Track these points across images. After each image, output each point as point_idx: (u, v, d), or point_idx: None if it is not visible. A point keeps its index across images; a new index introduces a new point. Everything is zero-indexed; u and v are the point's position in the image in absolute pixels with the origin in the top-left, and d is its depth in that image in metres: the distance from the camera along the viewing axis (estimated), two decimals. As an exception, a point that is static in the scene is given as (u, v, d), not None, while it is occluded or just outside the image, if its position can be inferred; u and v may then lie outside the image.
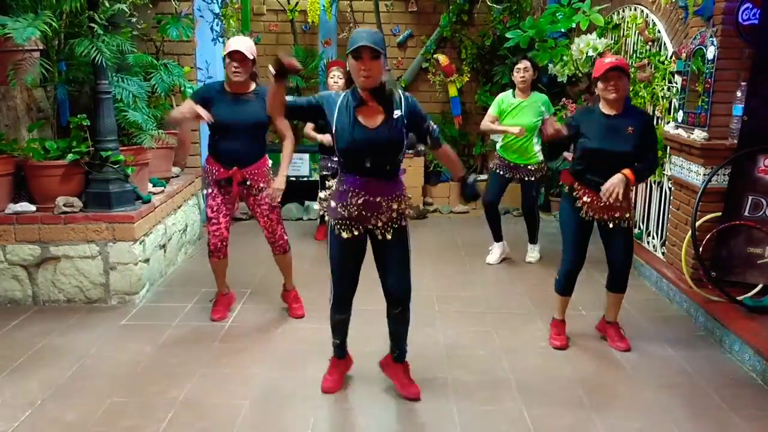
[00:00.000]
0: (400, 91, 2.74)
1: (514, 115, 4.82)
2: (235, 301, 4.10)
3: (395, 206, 2.76)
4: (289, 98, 2.68)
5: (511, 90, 4.94)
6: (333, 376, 3.10)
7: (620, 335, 3.63)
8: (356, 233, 2.75)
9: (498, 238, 5.17)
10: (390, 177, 2.75)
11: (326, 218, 2.84)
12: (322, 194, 2.89)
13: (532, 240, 5.22)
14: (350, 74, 2.67)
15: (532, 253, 5.21)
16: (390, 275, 2.84)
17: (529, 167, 4.91)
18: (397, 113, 2.67)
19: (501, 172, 4.99)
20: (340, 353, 3.11)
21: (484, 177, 6.02)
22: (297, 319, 3.91)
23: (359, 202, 2.71)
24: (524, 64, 4.79)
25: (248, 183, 3.67)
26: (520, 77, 4.79)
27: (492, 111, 4.92)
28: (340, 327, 3.03)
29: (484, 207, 5.11)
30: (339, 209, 2.75)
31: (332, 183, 2.83)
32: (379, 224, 2.75)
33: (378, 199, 2.71)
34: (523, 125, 4.74)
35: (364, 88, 2.63)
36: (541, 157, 4.92)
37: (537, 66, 4.94)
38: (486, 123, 4.95)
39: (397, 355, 3.03)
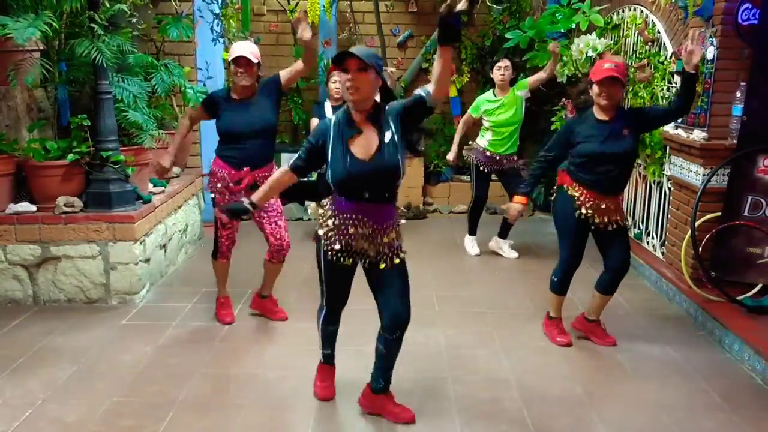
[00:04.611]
0: (387, 108, 2.58)
1: (498, 113, 5.03)
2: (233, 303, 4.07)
3: (392, 235, 2.64)
4: (292, 163, 2.69)
5: (491, 90, 5.14)
6: (326, 383, 3.04)
7: (605, 332, 3.68)
8: (350, 261, 2.66)
9: (473, 232, 5.41)
10: (388, 201, 2.62)
11: (320, 241, 2.70)
12: (312, 205, 2.77)
13: (504, 235, 5.34)
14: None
15: (513, 251, 5.31)
16: (394, 302, 2.68)
17: (512, 156, 5.14)
18: (388, 135, 2.52)
19: (485, 170, 5.17)
20: (331, 360, 3.06)
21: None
22: (281, 321, 3.90)
23: (352, 231, 2.58)
24: (505, 62, 5.02)
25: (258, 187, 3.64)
26: (500, 75, 5.00)
27: (471, 112, 5.18)
28: (331, 338, 2.98)
29: (474, 201, 5.30)
30: (333, 238, 2.63)
31: (326, 203, 2.70)
32: (372, 252, 2.63)
33: (373, 225, 2.59)
34: (507, 120, 5.01)
35: (354, 105, 2.50)
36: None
37: (517, 66, 5.23)
38: (458, 130, 5.29)
39: (382, 387, 2.86)
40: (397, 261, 2.67)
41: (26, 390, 3.07)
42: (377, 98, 2.60)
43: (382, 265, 2.65)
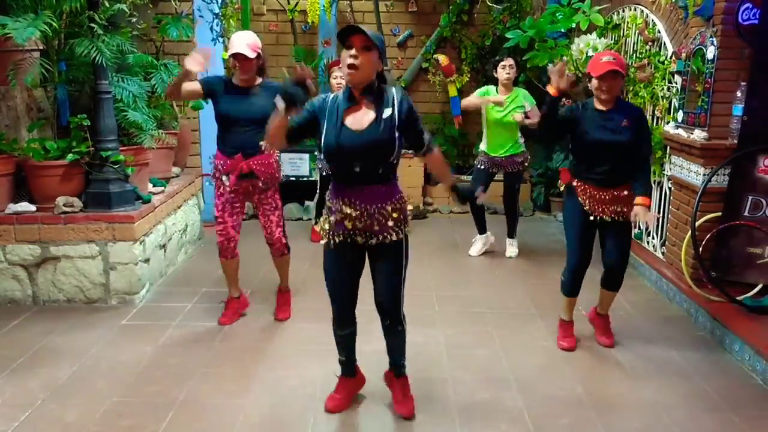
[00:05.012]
0: (395, 90, 2.57)
1: (498, 111, 4.99)
2: (248, 307, 4.02)
3: (395, 215, 2.59)
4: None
5: (494, 87, 5.10)
6: (339, 394, 2.96)
7: (607, 330, 3.68)
8: (351, 244, 2.63)
9: (482, 230, 5.35)
10: (384, 181, 2.58)
11: (322, 232, 2.70)
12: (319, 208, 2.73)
13: (511, 234, 5.34)
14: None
15: (512, 248, 5.32)
16: (380, 286, 2.71)
17: (513, 158, 5.09)
18: (387, 112, 2.50)
19: (483, 168, 5.16)
20: (347, 371, 2.97)
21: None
22: (282, 321, 3.90)
23: (353, 213, 2.56)
24: (509, 61, 5.00)
25: (254, 175, 3.61)
26: (506, 74, 4.97)
27: (477, 94, 5.11)
28: (343, 343, 2.90)
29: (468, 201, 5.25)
30: (333, 224, 2.63)
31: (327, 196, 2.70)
32: (375, 232, 2.60)
33: (372, 208, 2.56)
34: (507, 121, 4.94)
35: (351, 84, 2.48)
36: (524, 147, 5.12)
37: (519, 64, 5.18)
38: (468, 99, 5.15)
39: (392, 369, 2.93)
40: (394, 238, 2.62)
41: (26, 390, 3.06)
42: None
43: (372, 241, 2.62)
